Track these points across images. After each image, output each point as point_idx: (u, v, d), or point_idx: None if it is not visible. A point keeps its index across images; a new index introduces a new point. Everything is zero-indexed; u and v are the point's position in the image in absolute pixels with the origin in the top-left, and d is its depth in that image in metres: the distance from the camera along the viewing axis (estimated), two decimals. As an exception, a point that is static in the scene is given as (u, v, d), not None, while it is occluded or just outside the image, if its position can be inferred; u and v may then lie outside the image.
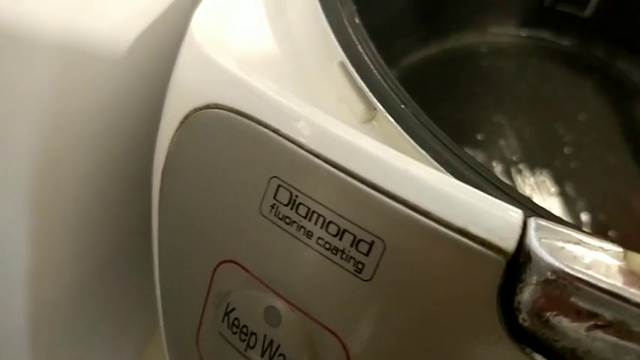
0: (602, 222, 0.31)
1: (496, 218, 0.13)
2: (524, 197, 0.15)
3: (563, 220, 0.14)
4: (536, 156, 0.33)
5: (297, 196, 0.15)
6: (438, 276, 0.13)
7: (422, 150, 0.16)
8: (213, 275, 0.17)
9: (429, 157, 0.16)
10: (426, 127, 0.16)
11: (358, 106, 0.18)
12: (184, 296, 0.19)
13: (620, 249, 0.12)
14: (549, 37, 0.39)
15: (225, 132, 0.16)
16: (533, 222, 0.13)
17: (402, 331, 0.14)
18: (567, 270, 0.12)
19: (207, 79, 0.17)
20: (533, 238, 0.12)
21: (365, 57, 0.18)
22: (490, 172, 0.15)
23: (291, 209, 0.15)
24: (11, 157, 0.20)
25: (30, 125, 0.20)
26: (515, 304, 0.13)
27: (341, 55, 0.18)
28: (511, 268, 0.13)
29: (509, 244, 0.13)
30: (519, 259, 0.13)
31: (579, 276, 0.12)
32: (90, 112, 0.22)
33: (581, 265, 0.12)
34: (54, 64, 0.19)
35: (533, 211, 0.14)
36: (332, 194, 0.14)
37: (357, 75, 0.17)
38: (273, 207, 0.15)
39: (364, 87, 0.17)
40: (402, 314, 0.14)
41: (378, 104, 0.17)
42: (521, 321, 0.13)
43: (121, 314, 0.32)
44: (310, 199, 0.15)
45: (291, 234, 0.15)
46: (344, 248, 0.14)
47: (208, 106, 0.16)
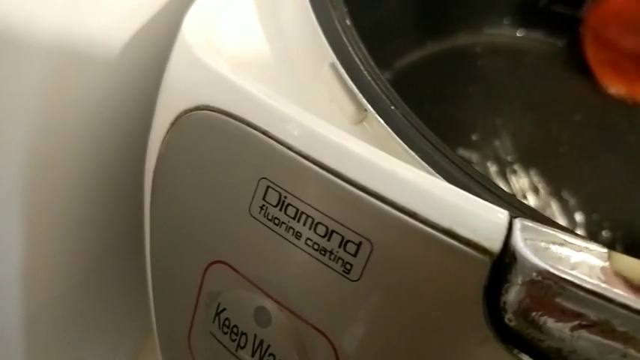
0: (596, 222, 0.31)
1: (482, 219, 0.13)
2: (511, 197, 0.15)
3: (550, 219, 0.14)
4: (530, 156, 0.33)
5: (285, 197, 0.15)
6: (424, 276, 0.13)
7: (411, 151, 0.16)
8: (204, 276, 0.17)
9: (419, 159, 0.16)
10: (416, 129, 0.16)
11: (349, 107, 0.18)
12: (176, 297, 0.19)
13: (604, 250, 0.13)
14: (544, 38, 0.39)
15: (214, 133, 0.16)
16: (518, 223, 0.13)
17: (389, 331, 0.14)
18: (552, 270, 0.12)
19: (198, 80, 0.17)
20: (518, 239, 0.13)
21: (355, 58, 0.18)
22: (479, 173, 0.15)
23: (280, 210, 0.15)
24: (4, 158, 0.20)
25: (22, 126, 0.20)
26: (501, 305, 0.13)
27: (332, 56, 0.18)
28: (497, 269, 0.13)
29: (494, 244, 0.13)
30: (505, 259, 0.13)
31: (564, 276, 0.12)
32: (82, 112, 0.22)
33: (566, 265, 0.12)
34: (45, 65, 0.19)
35: (520, 210, 0.14)
36: (320, 195, 0.14)
37: (347, 76, 0.17)
38: (262, 208, 0.15)
39: (355, 88, 0.17)
40: (390, 314, 0.14)
41: (368, 106, 0.17)
42: (507, 321, 0.13)
43: (117, 313, 0.32)
44: (299, 200, 0.15)
45: (280, 235, 0.15)
46: (332, 249, 0.14)
47: (198, 108, 0.17)
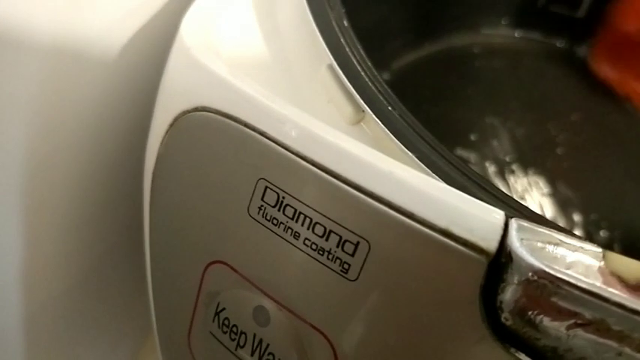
0: (594, 222, 0.31)
1: (478, 219, 0.13)
2: (508, 197, 0.15)
3: (546, 219, 0.14)
4: (529, 156, 0.33)
5: (284, 197, 0.15)
6: (421, 276, 0.14)
7: (408, 152, 0.16)
8: (203, 276, 0.17)
9: (416, 159, 0.16)
10: (414, 130, 0.16)
11: (347, 108, 0.18)
12: (175, 296, 0.19)
13: (599, 249, 0.13)
14: (542, 38, 0.39)
15: (213, 134, 0.16)
16: (514, 223, 0.13)
17: (387, 330, 0.14)
18: (548, 270, 0.12)
19: (196, 82, 0.17)
20: (514, 239, 0.13)
21: (353, 60, 0.18)
22: (476, 173, 0.15)
23: (279, 210, 0.15)
24: (3, 158, 0.20)
25: (21, 126, 0.20)
26: (498, 304, 0.13)
27: (329, 57, 0.18)
28: (493, 269, 0.13)
29: (490, 244, 0.13)
30: (501, 259, 0.13)
31: (559, 276, 0.12)
32: (81, 113, 0.22)
33: (562, 265, 0.12)
34: (44, 66, 0.19)
35: (516, 210, 0.14)
36: (318, 196, 0.14)
37: (345, 78, 0.17)
38: (260, 208, 0.15)
39: (352, 89, 0.17)
40: (387, 313, 0.14)
41: (365, 107, 0.17)
42: (503, 320, 0.13)
43: (116, 313, 0.33)
44: (297, 200, 0.15)
45: (278, 235, 0.15)
46: (330, 249, 0.14)
47: (197, 109, 0.17)
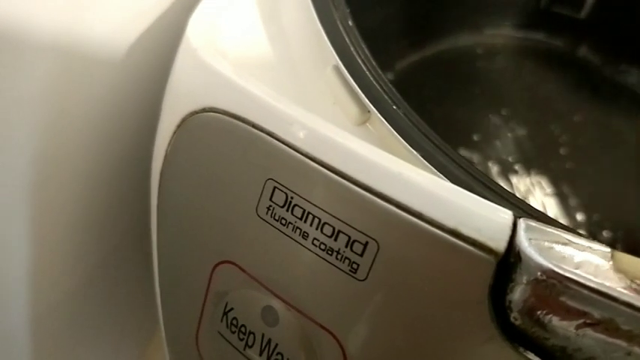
0: (597, 222, 0.31)
1: (486, 219, 0.13)
2: (515, 197, 0.15)
3: (554, 220, 0.14)
4: (532, 157, 0.33)
5: (292, 197, 0.15)
6: (430, 276, 0.14)
7: (414, 151, 0.16)
8: (212, 275, 0.17)
9: (422, 159, 0.16)
10: (418, 129, 0.16)
11: (352, 109, 0.18)
12: (183, 296, 0.19)
13: (607, 249, 0.13)
14: (545, 39, 0.39)
15: (221, 135, 0.16)
16: (523, 223, 0.13)
17: (396, 329, 0.14)
18: (556, 270, 0.12)
19: (203, 83, 0.17)
20: (523, 239, 0.13)
21: (358, 60, 0.18)
22: (481, 173, 0.16)
23: (287, 211, 0.15)
24: (11, 159, 0.20)
25: (29, 127, 0.20)
26: (507, 304, 0.13)
27: (335, 58, 0.18)
28: (502, 268, 0.13)
29: (499, 244, 0.13)
30: (510, 259, 0.13)
31: (568, 275, 0.12)
32: (89, 114, 0.22)
33: (570, 264, 0.12)
34: (52, 67, 0.19)
35: (523, 210, 0.14)
36: (326, 196, 0.15)
37: (350, 78, 0.17)
38: (269, 208, 0.15)
39: (358, 90, 0.17)
40: (396, 313, 0.14)
41: (371, 107, 0.17)
42: (512, 320, 0.13)
43: (122, 314, 0.33)
44: (305, 200, 0.15)
45: (287, 235, 0.15)
46: (339, 249, 0.14)
47: (204, 110, 0.17)
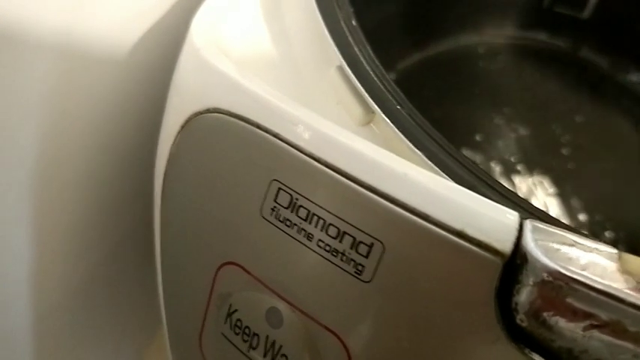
0: (599, 222, 0.31)
1: (493, 221, 0.13)
2: (519, 198, 0.15)
3: (560, 221, 0.14)
4: (534, 157, 0.33)
5: (297, 198, 0.15)
6: (436, 277, 0.14)
7: (418, 152, 0.16)
8: (215, 277, 0.17)
9: (426, 159, 0.16)
10: (422, 129, 0.16)
11: (356, 109, 0.18)
12: (187, 298, 0.19)
13: (614, 250, 0.13)
14: (547, 39, 0.39)
15: (225, 136, 0.16)
16: (529, 224, 0.13)
17: (401, 331, 0.14)
18: (563, 271, 0.12)
19: (207, 83, 0.17)
20: (529, 240, 0.13)
21: (362, 60, 0.18)
22: (486, 173, 0.15)
23: (292, 212, 0.15)
24: (13, 159, 0.20)
25: (31, 127, 0.20)
26: (513, 305, 0.13)
27: (338, 58, 0.18)
28: (508, 270, 0.13)
29: (505, 246, 0.13)
30: (516, 260, 0.13)
31: (575, 277, 0.12)
32: (91, 114, 0.22)
33: (577, 266, 0.12)
34: (54, 67, 0.19)
35: (529, 212, 0.14)
36: (331, 197, 0.14)
37: (354, 78, 0.17)
38: (273, 210, 0.15)
39: (362, 90, 0.17)
40: (402, 315, 0.14)
41: (375, 107, 0.17)
42: (518, 321, 0.13)
43: (123, 314, 0.33)
44: (310, 201, 0.15)
45: (291, 236, 0.15)
46: (344, 250, 0.14)
47: (209, 111, 0.17)
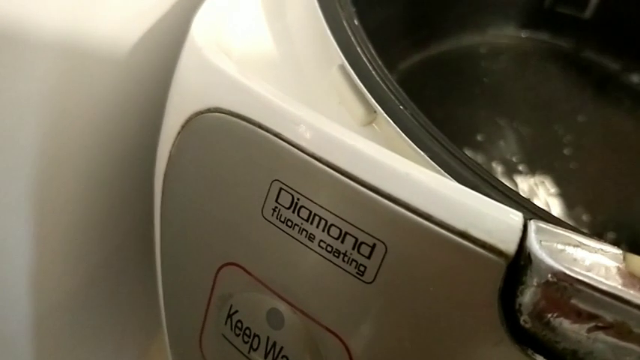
0: (601, 223, 0.31)
1: (497, 221, 0.13)
2: (523, 198, 0.15)
3: (564, 222, 0.14)
4: (536, 157, 0.33)
5: (298, 199, 0.15)
6: (439, 278, 0.13)
7: (421, 152, 0.16)
8: (216, 278, 0.17)
9: (429, 159, 0.16)
10: (425, 129, 0.16)
11: (358, 109, 0.18)
12: (187, 298, 0.19)
13: (619, 251, 0.13)
14: (549, 39, 0.39)
15: (226, 135, 0.16)
16: (533, 224, 0.13)
17: (404, 333, 0.14)
18: (567, 272, 0.12)
19: (208, 83, 0.17)
20: (533, 241, 0.13)
21: (364, 59, 0.18)
22: (489, 173, 0.15)
23: (293, 212, 0.15)
24: (13, 159, 0.20)
25: (30, 127, 0.20)
26: (517, 306, 0.13)
27: (340, 57, 0.18)
28: (512, 271, 0.13)
29: (509, 246, 0.13)
30: (520, 261, 0.13)
31: (579, 278, 0.12)
32: (91, 114, 0.22)
33: (582, 267, 0.12)
34: (55, 66, 0.19)
35: (533, 213, 0.14)
36: (333, 197, 0.14)
37: (356, 78, 0.17)
38: (275, 210, 0.15)
39: (364, 90, 0.17)
40: (404, 316, 0.14)
41: (377, 107, 0.17)
42: (522, 323, 0.13)
43: (123, 315, 0.32)
44: (312, 202, 0.15)
45: (293, 237, 0.15)
46: (346, 251, 0.14)
47: (209, 110, 0.17)
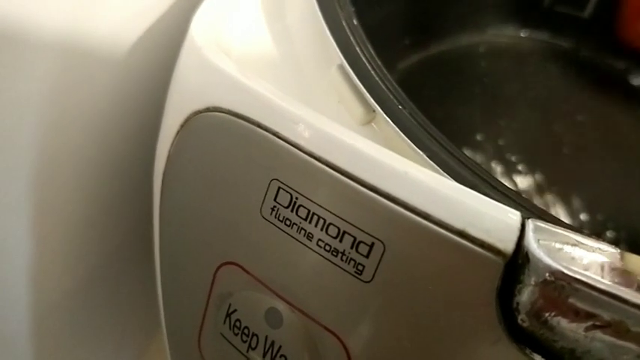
0: (601, 222, 0.31)
1: (495, 220, 0.13)
2: (521, 198, 0.15)
3: (562, 221, 0.14)
4: (535, 156, 0.33)
5: (297, 198, 0.15)
6: (437, 277, 0.13)
7: (419, 151, 0.16)
8: (215, 277, 0.17)
9: (427, 158, 0.16)
10: (424, 129, 0.16)
11: (357, 108, 0.18)
12: (186, 298, 0.19)
13: (617, 250, 0.13)
14: (548, 38, 0.39)
15: (225, 135, 0.16)
16: (531, 223, 0.13)
17: (402, 332, 0.14)
18: (565, 271, 0.12)
19: (207, 82, 0.17)
20: (531, 240, 0.13)
21: (363, 59, 0.18)
22: (488, 173, 0.15)
23: (292, 211, 0.15)
24: (12, 159, 0.20)
25: (30, 127, 0.20)
26: (514, 305, 0.13)
27: (339, 57, 0.18)
28: (510, 270, 0.13)
29: (507, 245, 0.13)
30: (518, 260, 0.13)
31: (577, 277, 0.12)
32: (90, 113, 0.22)
33: (579, 266, 0.12)
34: (54, 65, 0.19)
35: (531, 212, 0.14)
36: (332, 196, 0.14)
37: (355, 77, 0.17)
38: (273, 209, 0.15)
39: (363, 89, 0.17)
40: (402, 315, 0.14)
41: (376, 106, 0.17)
42: (520, 322, 0.13)
43: (123, 315, 0.32)
44: (310, 201, 0.15)
45: (291, 236, 0.15)
46: (344, 250, 0.14)
47: (208, 109, 0.17)
